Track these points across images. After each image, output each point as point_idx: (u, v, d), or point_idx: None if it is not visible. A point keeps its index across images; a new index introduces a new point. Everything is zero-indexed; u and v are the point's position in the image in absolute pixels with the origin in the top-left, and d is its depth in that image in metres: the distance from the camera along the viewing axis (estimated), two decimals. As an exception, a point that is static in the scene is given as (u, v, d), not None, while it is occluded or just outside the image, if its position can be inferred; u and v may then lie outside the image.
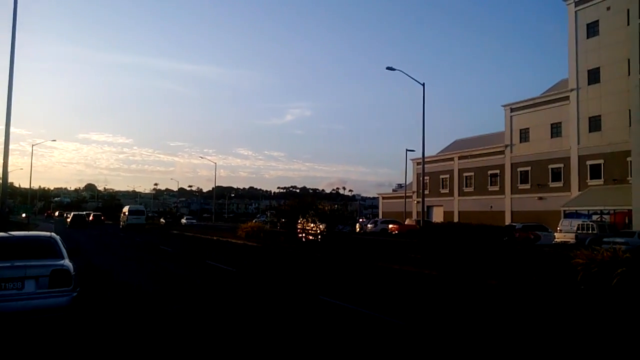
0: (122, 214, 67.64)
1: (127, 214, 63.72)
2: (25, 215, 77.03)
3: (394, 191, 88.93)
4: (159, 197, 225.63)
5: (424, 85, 37.04)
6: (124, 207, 72.60)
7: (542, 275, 16.07)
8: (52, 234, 10.46)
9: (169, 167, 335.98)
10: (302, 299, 12.61)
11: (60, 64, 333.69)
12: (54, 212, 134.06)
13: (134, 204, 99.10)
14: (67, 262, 8.86)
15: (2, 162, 22.72)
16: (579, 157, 51.49)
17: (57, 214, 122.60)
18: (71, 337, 8.17)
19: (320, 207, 35.75)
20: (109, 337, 8.30)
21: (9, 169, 23.37)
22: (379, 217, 79.46)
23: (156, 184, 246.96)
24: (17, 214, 78.98)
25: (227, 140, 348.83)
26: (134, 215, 62.86)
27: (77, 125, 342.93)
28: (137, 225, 59.96)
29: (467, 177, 67.24)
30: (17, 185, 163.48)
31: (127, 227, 59.87)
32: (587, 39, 51.10)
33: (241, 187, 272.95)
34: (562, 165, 53.56)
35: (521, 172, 58.85)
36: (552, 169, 54.83)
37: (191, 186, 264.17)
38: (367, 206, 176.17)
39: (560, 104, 54.31)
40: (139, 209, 68.26)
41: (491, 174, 63.07)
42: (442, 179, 71.01)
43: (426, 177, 59.34)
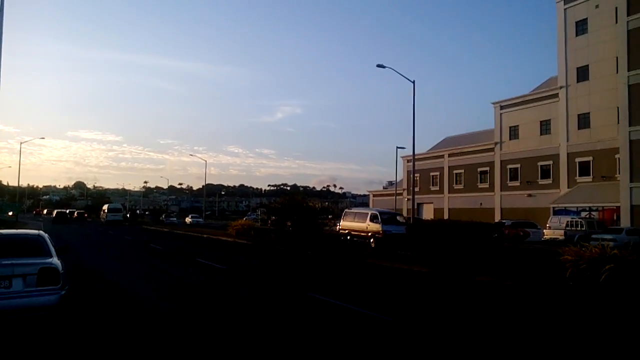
0: (102, 212, 73.56)
1: (106, 212, 69.51)
2: (12, 213, 76.52)
3: (384, 188, 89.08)
4: (149, 195, 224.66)
5: (414, 82, 37.08)
6: (104, 206, 77.52)
7: (531, 271, 16.17)
8: (41, 232, 10.38)
9: (159, 165, 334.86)
10: (291, 297, 12.61)
11: (49, 61, 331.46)
12: (43, 210, 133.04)
13: (122, 202, 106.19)
14: (55, 260, 8.79)
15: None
16: (567, 154, 51.79)
17: (46, 212, 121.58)
18: (60, 335, 8.12)
19: (310, 204, 35.82)
20: (98, 335, 8.25)
21: (-3, 167, 23.15)
22: (369, 214, 79.46)
23: (146, 182, 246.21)
24: (4, 212, 78.50)
25: (217, 138, 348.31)
26: (112, 212, 68.78)
27: (66, 122, 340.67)
28: (115, 221, 65.69)
29: (457, 174, 67.47)
30: (5, 183, 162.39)
31: (107, 223, 65.00)
32: (576, 37, 51.39)
33: (232, 185, 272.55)
34: (551, 162, 53.87)
35: (511, 169, 59.14)
36: (541, 166, 55.14)
37: (181, 184, 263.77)
38: (357, 203, 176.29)
39: (549, 101, 54.59)
40: (117, 207, 74.35)
41: (481, 171, 63.33)
42: (432, 176, 71.20)
43: (416, 175, 59.41)
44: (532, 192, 55.57)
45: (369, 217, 31.45)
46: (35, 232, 10.44)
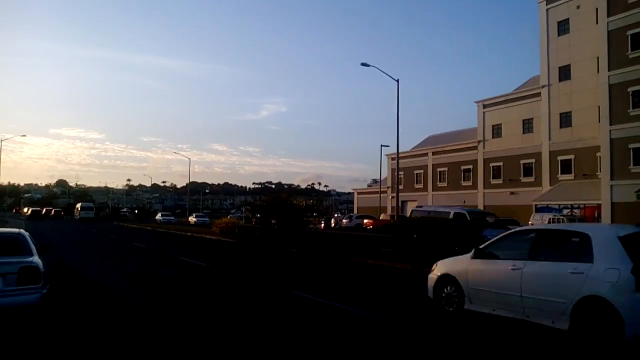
0: (76, 210, 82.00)
1: (79, 210, 77.84)
2: None
3: (369, 186, 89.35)
4: (132, 193, 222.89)
5: (398, 81, 37.25)
6: (77, 205, 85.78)
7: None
8: (21, 230, 10.24)
9: (142, 163, 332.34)
10: (276, 295, 12.61)
11: (30, 58, 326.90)
12: (23, 209, 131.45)
13: (104, 200, 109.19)
14: (36, 258, 8.68)
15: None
16: (550, 152, 52.37)
17: (26, 210, 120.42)
18: (41, 335, 8.04)
19: (295, 202, 35.77)
20: (79, 335, 8.18)
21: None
22: (354, 212, 79.79)
23: (129, 180, 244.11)
24: None
25: (201, 135, 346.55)
26: (85, 210, 76.54)
27: (48, 120, 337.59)
28: (87, 218, 72.60)
29: (440, 172, 67.89)
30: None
31: (80, 220, 72.22)
32: (558, 36, 51.94)
33: (216, 183, 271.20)
34: (533, 160, 54.43)
35: (493, 167, 59.65)
36: (523, 164, 55.68)
37: (165, 182, 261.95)
38: (342, 201, 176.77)
39: (531, 100, 55.15)
40: (89, 206, 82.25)
41: (464, 169, 63.79)
42: (416, 174, 71.57)
43: (400, 173, 59.70)
44: (514, 190, 56.10)
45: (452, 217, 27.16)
46: (15, 230, 10.29)
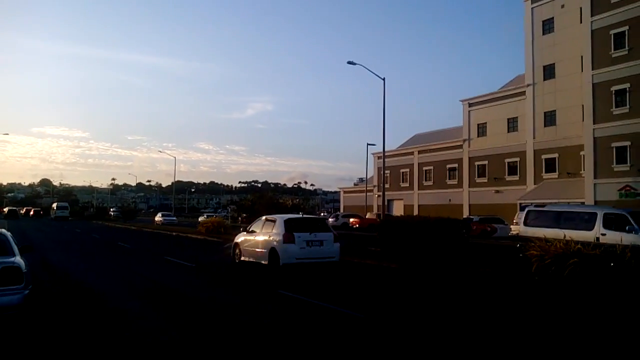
0: (51, 209, 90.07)
1: (55, 209, 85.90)
2: None
3: (355, 185, 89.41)
4: (117, 192, 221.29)
5: (384, 80, 37.31)
6: (53, 204, 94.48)
7: (498, 266, 16.44)
8: (2, 230, 10.09)
9: (127, 162, 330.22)
10: (261, 294, 12.57)
11: (12, 55, 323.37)
12: (4, 208, 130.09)
13: (89, 199, 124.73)
14: (18, 259, 8.57)
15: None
16: (534, 151, 52.77)
17: (7, 211, 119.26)
18: (24, 336, 7.94)
19: (282, 201, 35.75)
20: (61, 336, 8.09)
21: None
22: (340, 211, 79.80)
23: (114, 179, 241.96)
24: None
25: (187, 134, 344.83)
26: (60, 209, 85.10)
27: (31, 118, 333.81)
28: (62, 217, 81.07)
29: (426, 171, 68.15)
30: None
31: (55, 218, 79.60)
32: (543, 35, 52.32)
33: (202, 182, 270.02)
34: (518, 159, 54.81)
35: (479, 165, 59.99)
36: (508, 162, 56.06)
37: (150, 181, 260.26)
38: (328, 200, 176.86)
39: (516, 99, 55.52)
40: (64, 205, 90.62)
41: (450, 167, 64.09)
42: (402, 173, 71.78)
43: (387, 171, 59.84)
44: (499, 189, 56.47)
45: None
46: (-4, 230, 10.19)
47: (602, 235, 20.27)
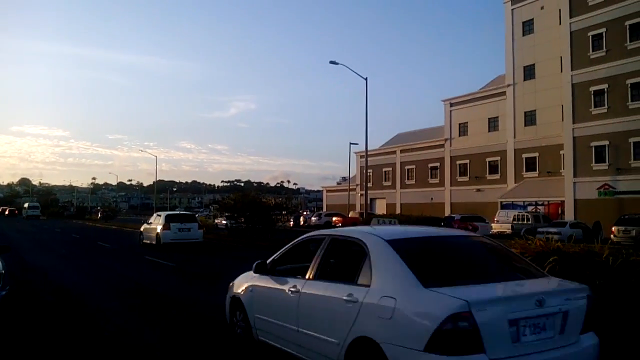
0: (24, 209, 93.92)
1: (27, 209, 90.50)
2: None
3: (338, 184, 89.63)
4: (97, 191, 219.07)
5: (366, 79, 37.44)
6: (25, 204, 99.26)
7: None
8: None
9: (108, 161, 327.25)
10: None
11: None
12: None
13: (69, 199, 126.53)
14: (-6, 259, 8.56)
15: None
16: (514, 150, 53.34)
17: None
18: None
19: (264, 200, 35.60)
20: (40, 338, 8.02)
21: None
22: (323, 210, 79.92)
23: (94, 178, 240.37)
24: None
25: (169, 133, 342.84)
26: (31, 209, 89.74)
27: (10, 117, 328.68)
28: (33, 215, 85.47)
29: (408, 169, 68.49)
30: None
31: (27, 217, 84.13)
32: (523, 36, 52.90)
33: (184, 181, 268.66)
34: (498, 158, 55.35)
35: (460, 164, 60.46)
36: (489, 161, 56.58)
37: (131, 180, 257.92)
38: (311, 199, 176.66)
39: (497, 99, 56.05)
40: (35, 205, 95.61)
41: (432, 166, 64.49)
42: (384, 172, 72.06)
43: (369, 170, 60.04)
44: (480, 187, 56.97)
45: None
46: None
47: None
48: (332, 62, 37.34)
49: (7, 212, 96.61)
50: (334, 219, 55.25)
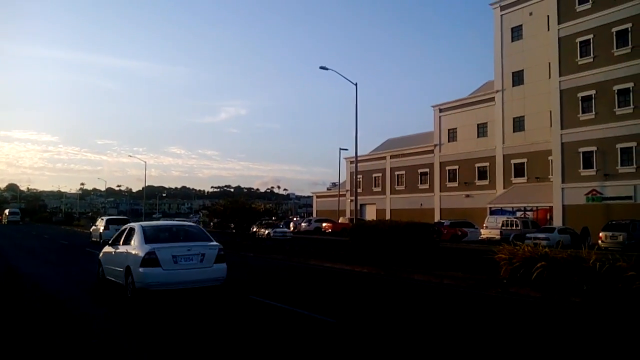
0: (4, 215, 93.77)
1: (7, 215, 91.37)
2: None
3: (328, 190, 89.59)
4: (86, 197, 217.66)
5: (356, 85, 37.47)
6: (6, 210, 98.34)
7: (467, 270, 16.60)
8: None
9: (97, 167, 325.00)
10: (231, 300, 12.46)
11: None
12: None
13: (57, 205, 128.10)
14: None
15: None
16: (503, 156, 53.57)
17: None
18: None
19: (254, 206, 35.54)
20: (24, 342, 7.92)
21: None
22: (313, 215, 79.90)
23: (83, 184, 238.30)
24: None
25: (158, 138, 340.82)
26: (12, 215, 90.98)
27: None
28: (14, 221, 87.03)
29: (398, 175, 68.61)
30: None
31: (8, 223, 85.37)
32: (512, 42, 53.25)
33: (173, 187, 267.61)
34: (487, 164, 55.58)
35: (449, 170, 60.64)
36: (478, 167, 56.78)
37: (120, 186, 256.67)
38: (301, 205, 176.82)
39: (486, 104, 56.32)
40: (16, 211, 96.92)
41: (421, 172, 64.65)
42: (374, 178, 72.14)
43: (359, 176, 60.06)
44: (469, 193, 57.16)
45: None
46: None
47: None
48: (322, 68, 37.35)
49: None
50: (324, 224, 55.25)
